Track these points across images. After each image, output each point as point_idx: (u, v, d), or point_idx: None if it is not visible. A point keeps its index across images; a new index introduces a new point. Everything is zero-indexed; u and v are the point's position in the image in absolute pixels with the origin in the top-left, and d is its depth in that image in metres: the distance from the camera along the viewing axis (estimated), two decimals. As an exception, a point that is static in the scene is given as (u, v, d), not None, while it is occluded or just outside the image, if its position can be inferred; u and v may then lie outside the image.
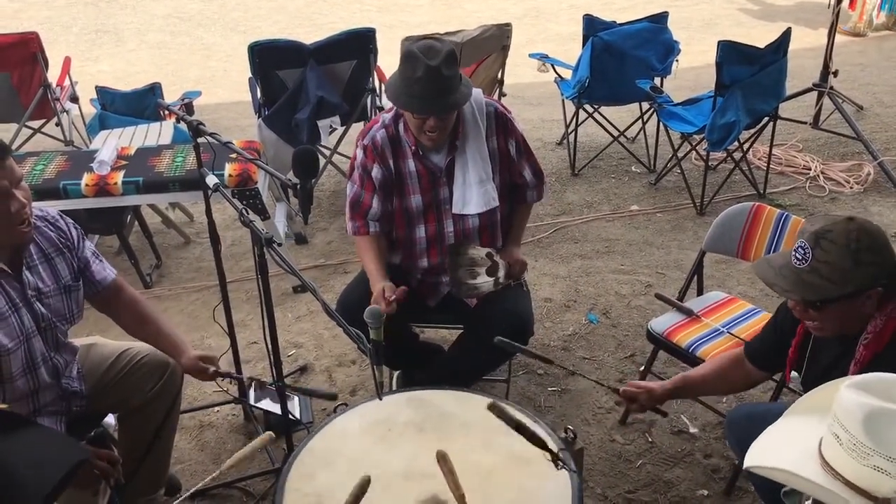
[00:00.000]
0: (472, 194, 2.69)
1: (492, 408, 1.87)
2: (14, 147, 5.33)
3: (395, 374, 3.17)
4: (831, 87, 5.46)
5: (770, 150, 5.03)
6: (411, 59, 2.48)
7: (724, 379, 2.31)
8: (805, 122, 5.79)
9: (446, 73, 2.47)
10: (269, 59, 4.59)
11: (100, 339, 2.54)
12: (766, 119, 4.79)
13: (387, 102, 2.70)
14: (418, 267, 2.83)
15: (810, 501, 1.95)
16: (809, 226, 1.84)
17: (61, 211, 2.35)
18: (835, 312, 1.86)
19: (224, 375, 2.42)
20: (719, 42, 4.38)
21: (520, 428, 1.82)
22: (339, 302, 2.81)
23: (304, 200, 2.09)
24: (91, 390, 2.39)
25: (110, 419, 2.67)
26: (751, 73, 4.47)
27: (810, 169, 5.23)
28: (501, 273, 2.69)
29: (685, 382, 2.32)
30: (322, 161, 5.06)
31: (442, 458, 1.85)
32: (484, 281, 2.68)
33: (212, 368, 2.38)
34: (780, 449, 1.53)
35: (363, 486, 1.73)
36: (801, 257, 1.83)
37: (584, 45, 5.15)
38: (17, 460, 1.24)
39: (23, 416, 1.46)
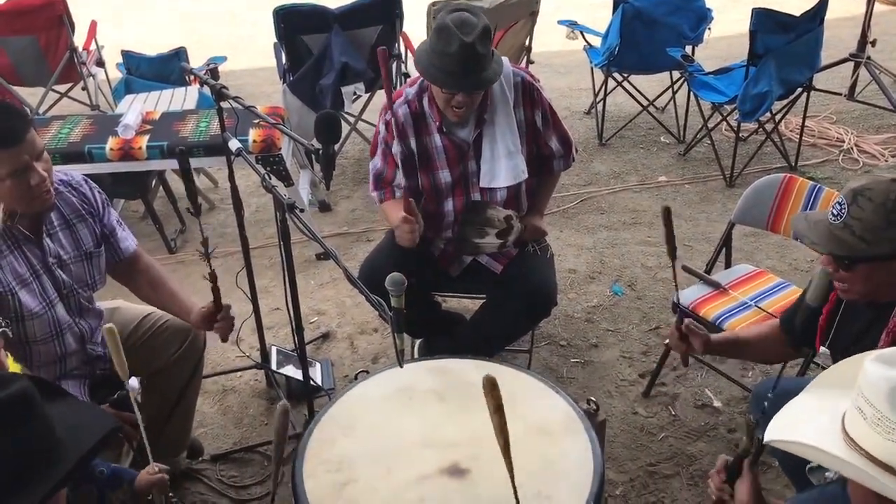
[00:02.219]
0: (501, 167, 2.64)
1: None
2: (41, 111, 5.36)
3: (417, 342, 3.16)
4: (868, 58, 5.33)
5: (803, 122, 4.92)
6: (444, 33, 2.41)
7: (765, 346, 2.25)
8: (840, 94, 5.66)
9: (480, 51, 2.41)
10: (293, 23, 4.55)
11: (123, 302, 2.55)
12: (800, 90, 4.69)
13: (412, 70, 2.66)
14: (442, 237, 2.80)
15: (836, 476, 1.93)
16: (852, 183, 1.78)
17: (86, 175, 2.35)
18: (865, 274, 1.79)
19: (216, 290, 2.30)
20: (754, 9, 4.26)
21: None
22: (361, 269, 2.79)
23: (327, 166, 2.06)
24: (114, 354, 2.40)
25: (134, 382, 2.68)
26: (785, 41, 4.35)
27: (844, 141, 5.11)
28: (512, 238, 2.65)
29: (736, 340, 2.27)
30: (346, 128, 5.03)
31: (490, 389, 1.52)
32: (489, 242, 2.65)
33: (223, 322, 2.32)
34: (801, 423, 1.49)
35: (284, 414, 1.71)
36: (836, 213, 1.77)
37: (614, 12, 5.05)
38: (58, 423, 1.28)
39: (56, 385, 1.50)
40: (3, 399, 1.19)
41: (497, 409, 1.55)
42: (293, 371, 3.03)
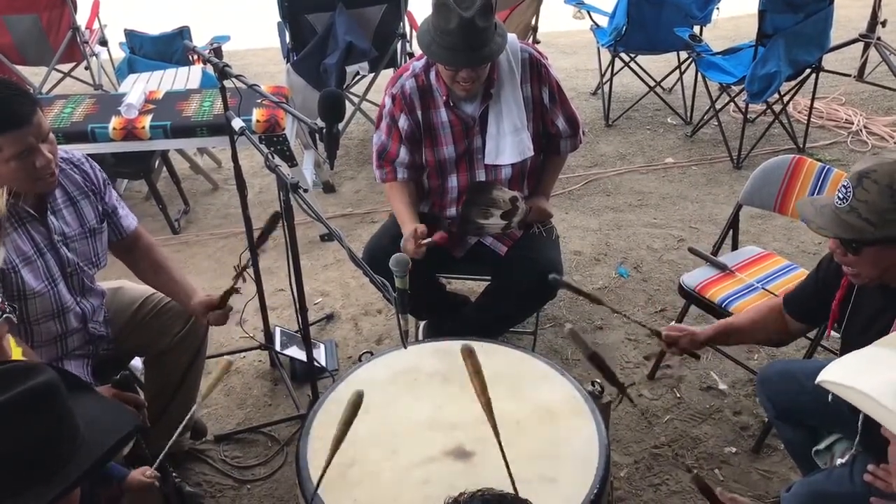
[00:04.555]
0: (506, 144, 2.62)
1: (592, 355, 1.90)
2: (44, 90, 5.33)
3: (422, 324, 3.15)
4: (879, 38, 5.26)
5: (811, 103, 4.87)
6: (444, 9, 2.37)
7: (763, 328, 2.22)
8: (849, 75, 5.61)
9: (481, 25, 2.37)
10: (297, 2, 4.51)
11: (126, 282, 2.54)
12: (809, 70, 4.64)
13: (417, 48, 2.63)
14: (446, 216, 2.78)
15: (845, 458, 1.91)
16: (857, 166, 1.75)
17: (89, 154, 2.33)
18: (873, 257, 1.77)
19: (231, 292, 2.30)
20: (763, -11, 4.22)
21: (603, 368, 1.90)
22: (365, 250, 2.78)
23: (330, 145, 2.03)
24: (118, 334, 2.40)
25: (137, 363, 2.68)
26: (795, 21, 4.30)
27: (853, 123, 5.07)
28: (517, 219, 2.63)
29: (726, 328, 2.24)
30: (350, 109, 5.00)
31: (468, 355, 1.73)
32: (494, 223, 2.62)
33: (219, 312, 2.32)
34: (860, 373, 1.46)
35: (357, 403, 1.69)
36: (842, 196, 1.75)
37: (621, -9, 5.01)
38: (81, 419, 1.27)
39: (84, 380, 1.47)
40: (27, 389, 1.17)
41: (476, 373, 1.70)
42: (297, 352, 3.03)
